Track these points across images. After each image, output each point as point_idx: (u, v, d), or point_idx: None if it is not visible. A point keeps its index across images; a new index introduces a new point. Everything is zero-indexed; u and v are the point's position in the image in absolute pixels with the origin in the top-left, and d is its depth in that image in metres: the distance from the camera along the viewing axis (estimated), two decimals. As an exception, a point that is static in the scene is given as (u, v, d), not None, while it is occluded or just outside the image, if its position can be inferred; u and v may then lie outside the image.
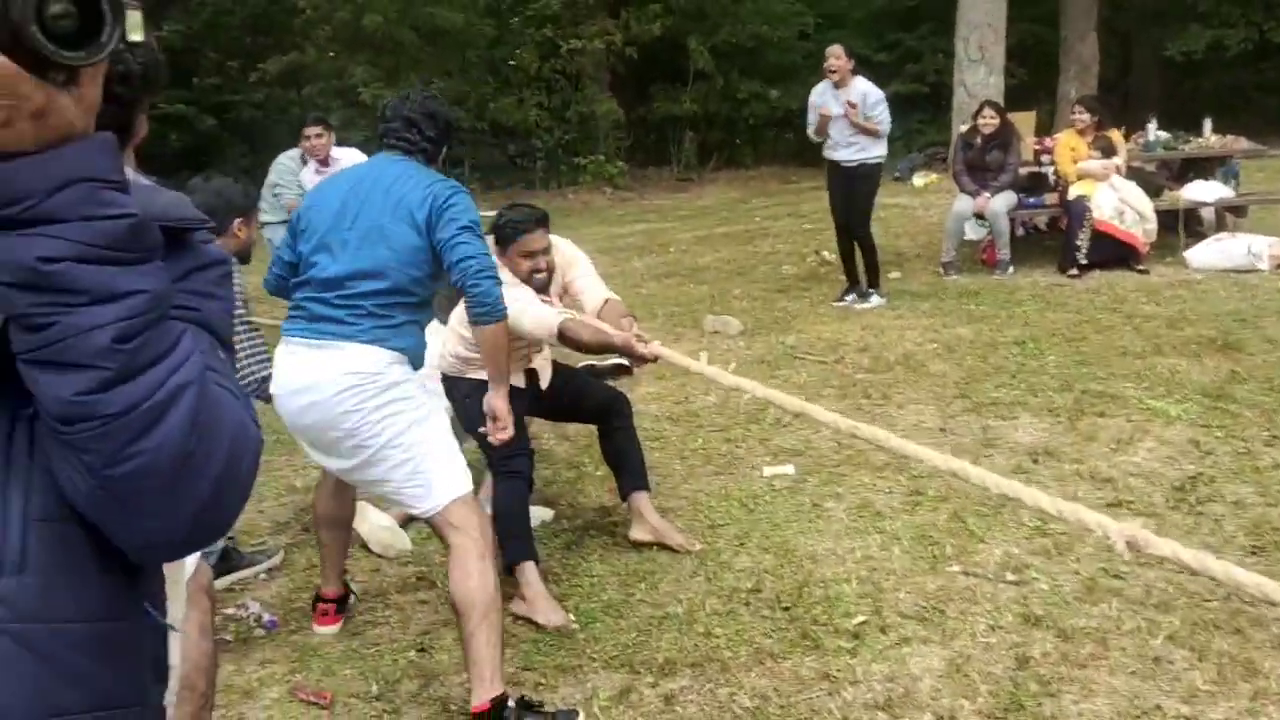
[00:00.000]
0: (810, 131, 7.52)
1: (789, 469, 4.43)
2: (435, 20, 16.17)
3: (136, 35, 0.85)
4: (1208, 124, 9.06)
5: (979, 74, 12.69)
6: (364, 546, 3.94)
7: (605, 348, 3.49)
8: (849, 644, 3.06)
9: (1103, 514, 1.98)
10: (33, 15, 0.73)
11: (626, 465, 3.82)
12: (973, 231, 8.61)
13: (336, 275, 2.86)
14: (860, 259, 7.50)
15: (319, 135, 6.98)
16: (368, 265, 2.84)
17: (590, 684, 2.94)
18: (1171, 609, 3.12)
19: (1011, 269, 8.08)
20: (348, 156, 6.86)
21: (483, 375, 3.57)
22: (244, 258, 3.53)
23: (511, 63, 17.29)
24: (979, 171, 8.12)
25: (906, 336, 6.46)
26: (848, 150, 7.28)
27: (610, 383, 5.06)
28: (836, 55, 7.19)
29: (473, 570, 2.73)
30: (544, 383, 3.81)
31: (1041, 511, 1.89)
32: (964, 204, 8.10)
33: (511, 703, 2.70)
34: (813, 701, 2.79)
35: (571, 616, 3.32)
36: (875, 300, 7.41)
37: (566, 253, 3.71)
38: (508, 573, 3.44)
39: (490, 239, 4.63)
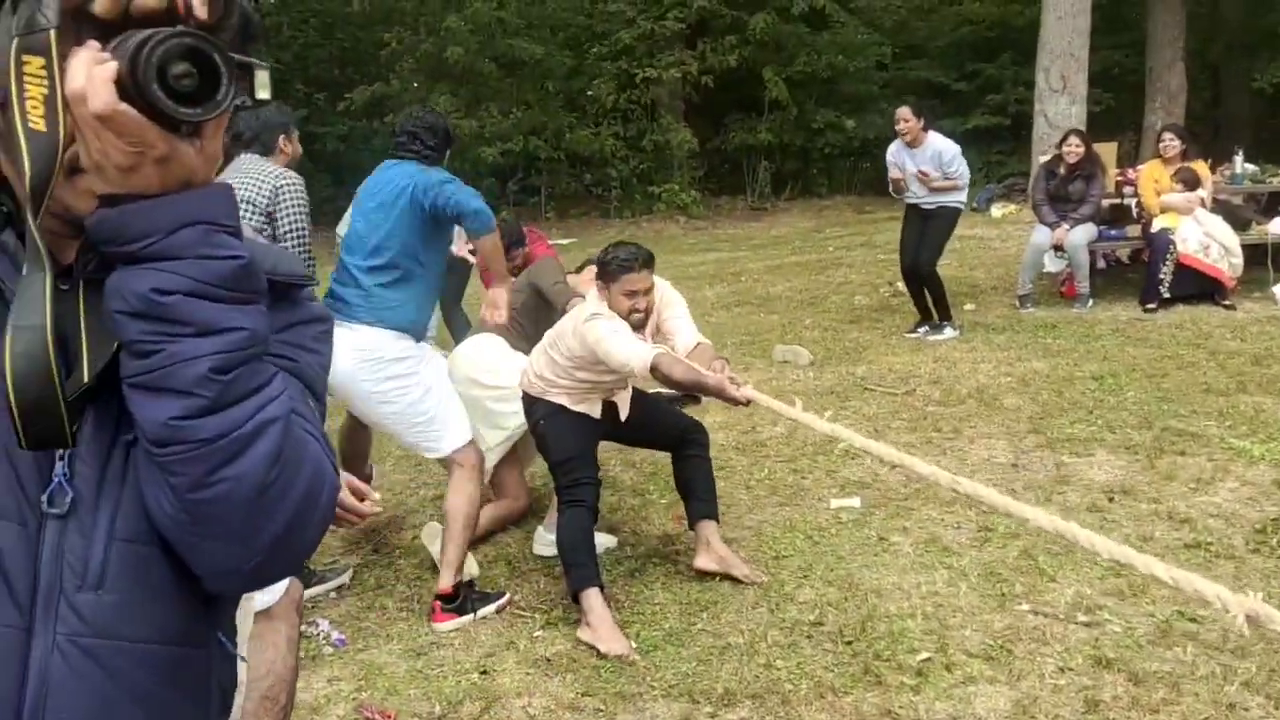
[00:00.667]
0: (891, 190, 7.53)
1: (855, 501, 4.39)
2: (515, 52, 16.48)
3: (264, 93, 0.93)
4: (1299, 156, 8.80)
5: (1060, 104, 12.50)
6: (434, 567, 4.00)
7: (698, 388, 3.44)
8: (913, 681, 3.02)
9: (1215, 584, 1.83)
10: (154, 76, 0.81)
11: (696, 493, 3.83)
12: (1051, 264, 8.46)
13: (346, 260, 3.62)
14: (928, 295, 7.46)
15: None
16: (371, 242, 3.57)
17: (649, 712, 2.95)
18: (1248, 654, 3.02)
19: (1091, 302, 7.92)
20: None
21: (562, 400, 3.70)
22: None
23: (590, 93, 17.52)
24: (1060, 202, 7.98)
25: (980, 369, 6.37)
26: (930, 195, 7.27)
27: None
28: (905, 117, 7.17)
29: (463, 492, 3.64)
30: (623, 415, 3.84)
31: (1155, 579, 1.82)
32: (1042, 236, 7.97)
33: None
34: (873, 738, 2.76)
35: (633, 644, 3.33)
36: (949, 332, 7.33)
37: (665, 294, 3.72)
38: (573, 600, 3.48)
39: (585, 272, 4.93)
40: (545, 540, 4.05)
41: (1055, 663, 3.06)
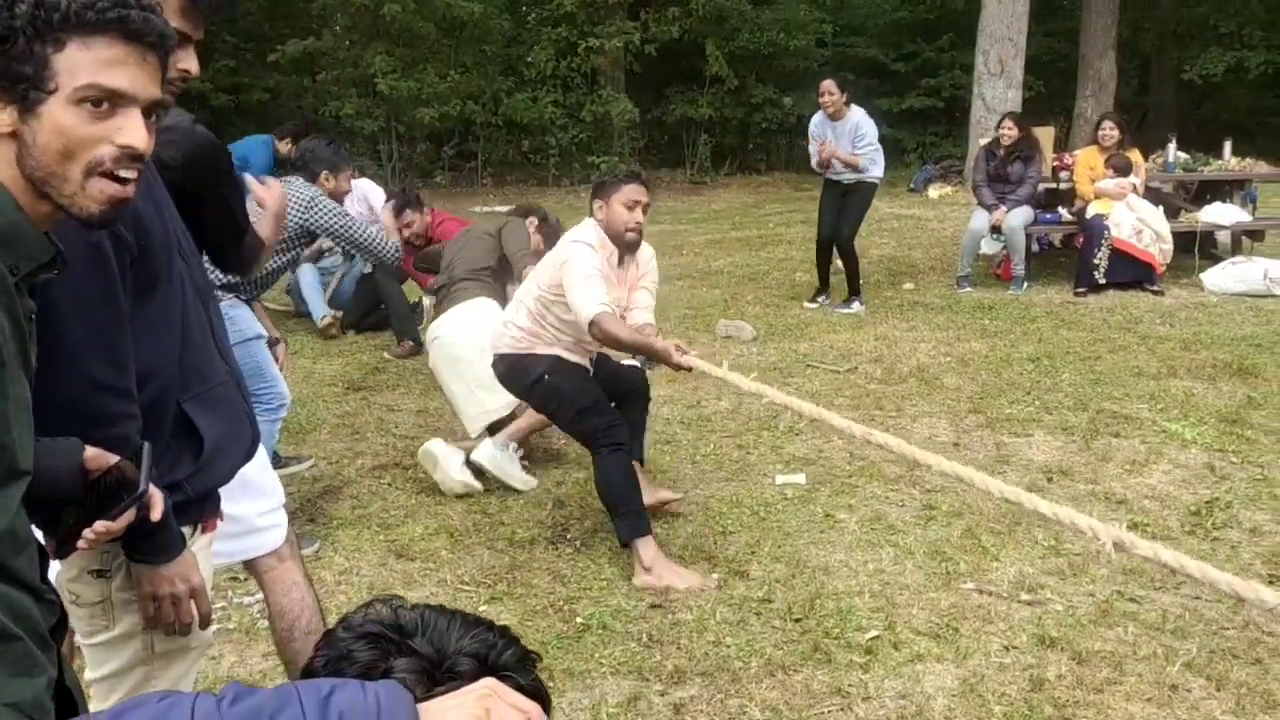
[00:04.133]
0: (814, 162, 7.62)
1: (801, 478, 4.39)
2: (454, 11, 16.13)
3: None
4: (1228, 146, 9.02)
5: (998, 87, 12.65)
6: (374, 539, 3.91)
7: (643, 350, 3.49)
8: (861, 659, 3.02)
9: (1087, 516, 2.04)
10: None
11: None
12: (988, 246, 8.56)
13: None
14: (844, 268, 7.69)
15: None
16: None
17: (598, 690, 2.91)
18: (1189, 635, 3.08)
19: (1026, 285, 8.05)
20: (361, 187, 7.15)
21: (557, 351, 3.70)
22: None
23: (529, 60, 17.26)
24: (1000, 184, 8.08)
25: (920, 349, 6.42)
26: (848, 171, 7.41)
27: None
28: (829, 90, 7.27)
29: None
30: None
31: (1040, 515, 1.97)
32: (980, 220, 8.06)
33: None
34: (825, 716, 2.75)
35: (712, 575, 3.48)
36: (856, 306, 7.59)
37: (646, 259, 3.78)
38: (624, 546, 3.52)
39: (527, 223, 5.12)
40: (488, 453, 4.29)
41: (1000, 641, 3.09)
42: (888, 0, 19.67)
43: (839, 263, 7.75)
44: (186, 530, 1.71)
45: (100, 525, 1.48)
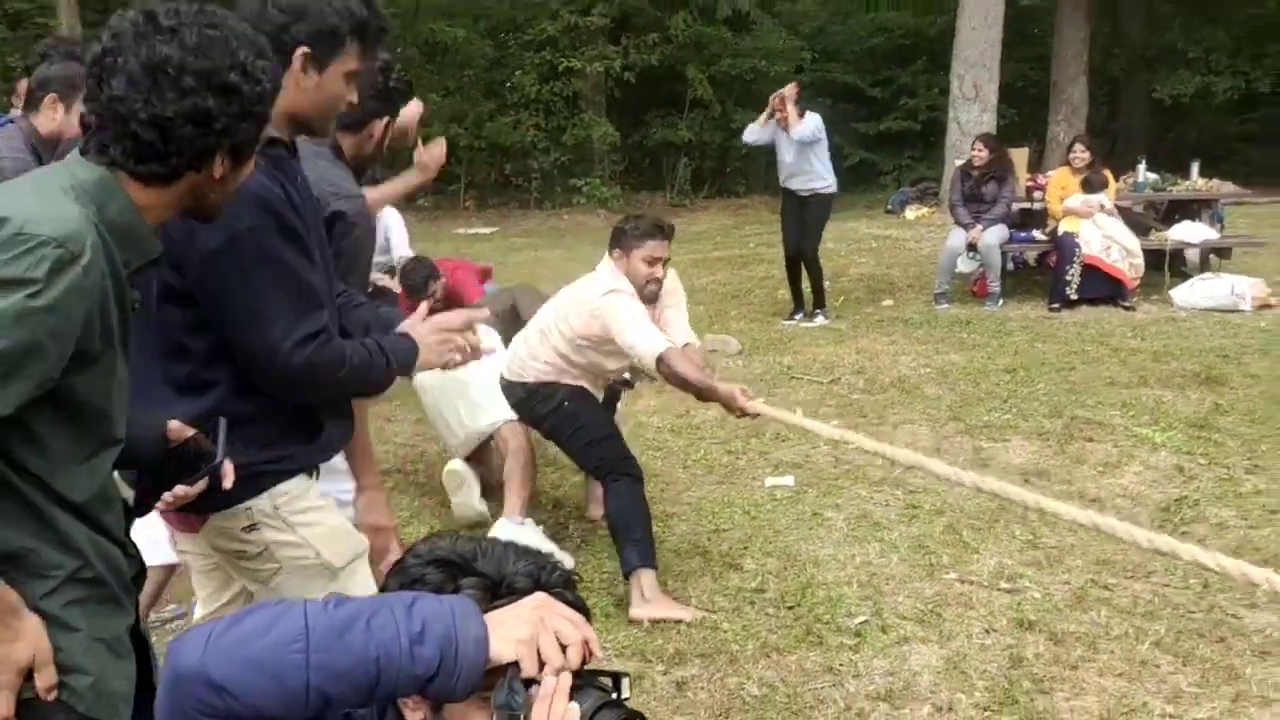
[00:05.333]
0: (759, 121, 8.06)
1: (789, 480, 4.57)
2: (436, 35, 16.36)
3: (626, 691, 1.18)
4: (1195, 167, 9.33)
5: (972, 111, 12.96)
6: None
7: (704, 392, 3.29)
8: (851, 641, 3.20)
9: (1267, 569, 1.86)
10: None
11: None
12: (965, 264, 8.81)
13: None
14: (807, 282, 8.00)
15: None
16: None
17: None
18: (1157, 618, 3.28)
19: (1001, 301, 8.28)
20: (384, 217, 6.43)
21: (579, 383, 3.70)
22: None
23: (511, 84, 17.50)
24: (975, 203, 8.34)
25: (900, 361, 6.63)
26: (801, 179, 7.75)
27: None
28: (789, 95, 7.74)
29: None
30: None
31: (1200, 566, 1.85)
32: (957, 239, 8.31)
33: None
34: (818, 691, 2.92)
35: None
36: (820, 320, 7.92)
37: (670, 283, 3.74)
38: (626, 579, 3.46)
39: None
40: (506, 533, 4.09)
41: (981, 625, 3.28)
42: (864, 27, 20.07)
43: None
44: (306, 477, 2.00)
45: (179, 489, 1.65)
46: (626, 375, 4.90)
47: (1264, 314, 7.48)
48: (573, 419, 3.68)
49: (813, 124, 7.64)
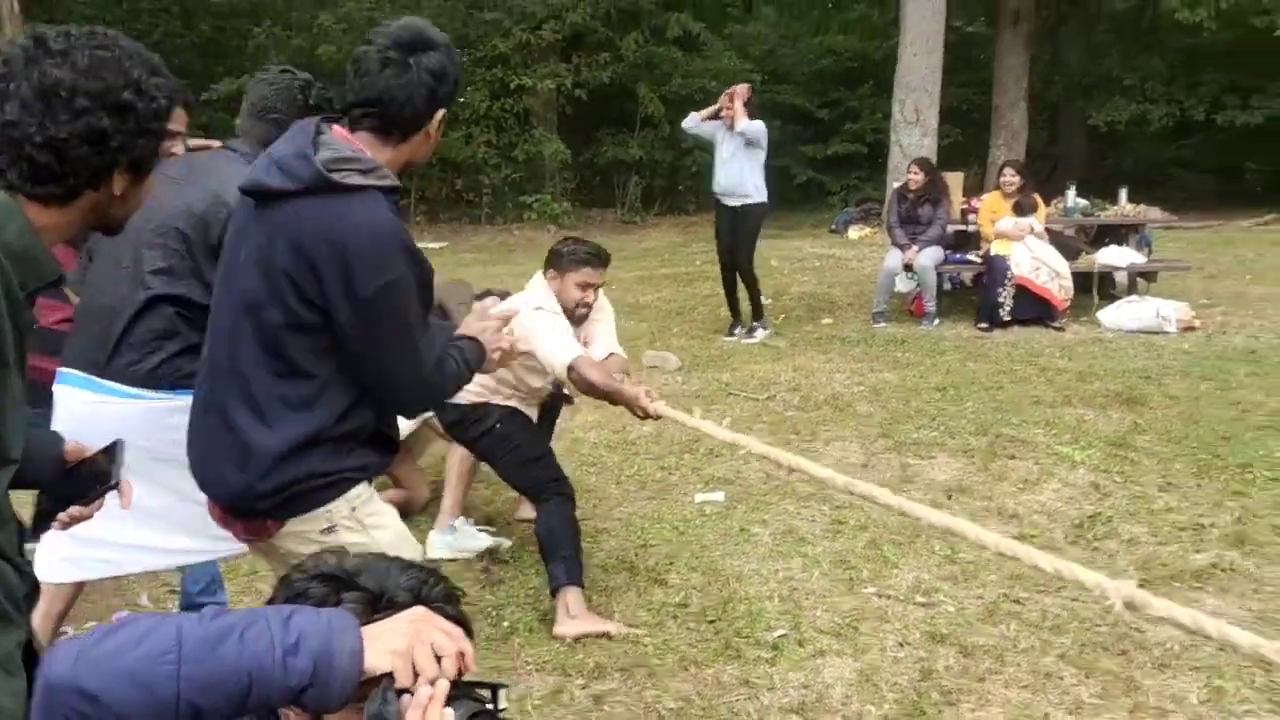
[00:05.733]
0: (694, 116, 8.25)
1: (719, 496, 4.65)
2: (388, 53, 16.34)
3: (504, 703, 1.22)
4: (1123, 193, 9.61)
5: (914, 135, 13.22)
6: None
7: (613, 395, 3.37)
8: (768, 654, 3.27)
9: (1098, 574, 2.04)
10: None
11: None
12: (903, 284, 8.99)
13: None
14: (745, 296, 8.17)
15: None
16: None
17: (523, 685, 3.11)
18: (1064, 631, 3.38)
19: (937, 321, 8.46)
20: None
21: (509, 403, 3.76)
22: None
23: (462, 99, 17.52)
24: (911, 225, 8.53)
25: (835, 379, 6.75)
26: (734, 190, 7.95)
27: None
28: (739, 94, 7.90)
29: None
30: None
31: (1037, 569, 2.05)
32: (894, 259, 8.49)
33: None
34: (732, 704, 2.99)
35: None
36: (760, 333, 8.09)
37: (599, 301, 3.82)
38: (553, 595, 3.48)
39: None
40: (439, 543, 4.13)
41: (895, 638, 3.36)
42: (812, 50, 20.39)
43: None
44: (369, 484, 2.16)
45: (75, 509, 1.68)
46: (567, 390, 4.95)
47: (1187, 336, 7.71)
48: (505, 440, 3.72)
49: (758, 124, 7.80)
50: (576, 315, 3.65)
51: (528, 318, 3.50)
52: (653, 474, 5.01)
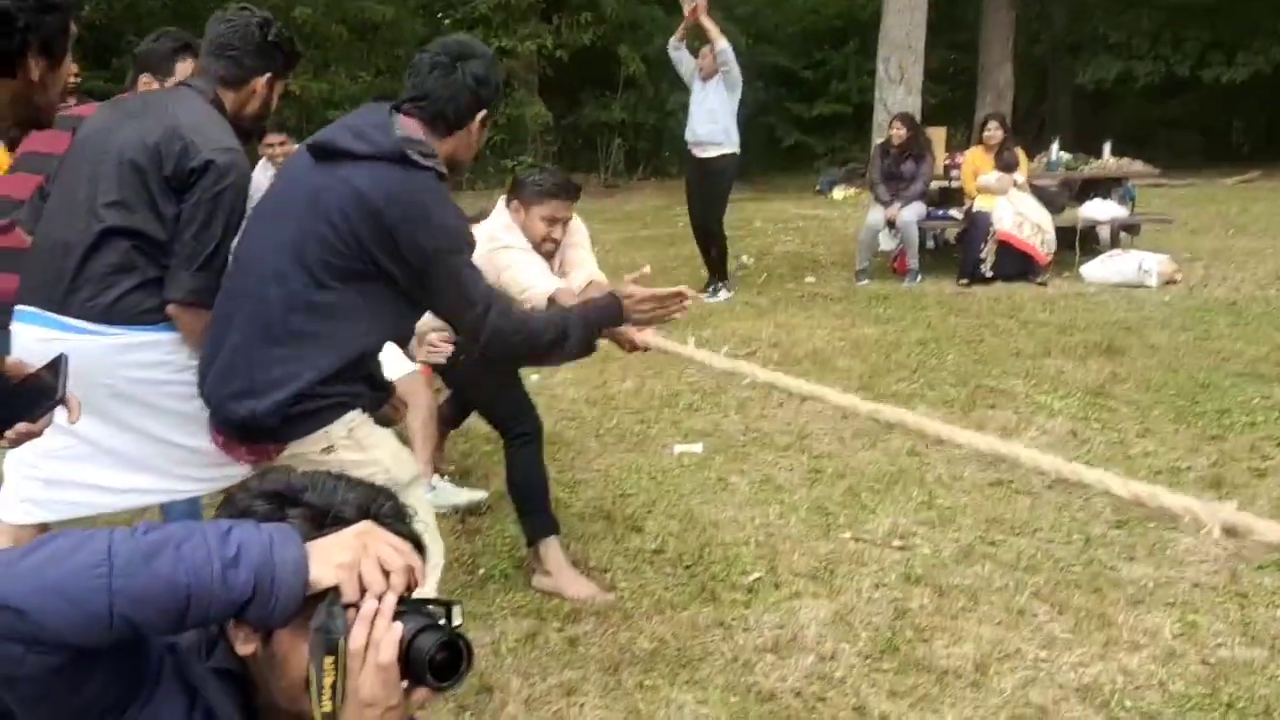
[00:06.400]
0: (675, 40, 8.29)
1: (697, 447, 4.64)
2: (366, 14, 16.16)
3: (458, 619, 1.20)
4: (1107, 147, 9.58)
5: (898, 94, 13.13)
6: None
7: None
8: (744, 597, 3.27)
9: (1187, 499, 1.87)
10: (425, 665, 1.11)
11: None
12: (886, 242, 8.95)
13: None
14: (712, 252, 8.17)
15: (281, 143, 6.81)
16: None
17: (499, 629, 3.10)
18: (1038, 570, 3.39)
19: (920, 278, 8.44)
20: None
21: None
22: None
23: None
24: (894, 181, 8.49)
25: (816, 335, 6.74)
26: (707, 137, 7.90)
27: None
28: (706, 54, 7.94)
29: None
30: None
31: (1113, 495, 1.94)
32: (877, 216, 8.45)
33: None
34: (707, 645, 2.99)
35: (610, 591, 3.30)
36: (723, 294, 8.01)
37: (573, 224, 3.55)
38: (529, 546, 3.41)
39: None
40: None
41: (871, 580, 3.37)
42: (796, 9, 20.21)
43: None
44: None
45: (22, 426, 1.64)
46: None
47: (1169, 289, 7.72)
48: (466, 374, 3.56)
49: (730, 51, 7.77)
50: (543, 251, 3.39)
51: (498, 254, 3.29)
52: (631, 427, 4.99)
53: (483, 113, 2.35)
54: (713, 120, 7.85)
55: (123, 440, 2.38)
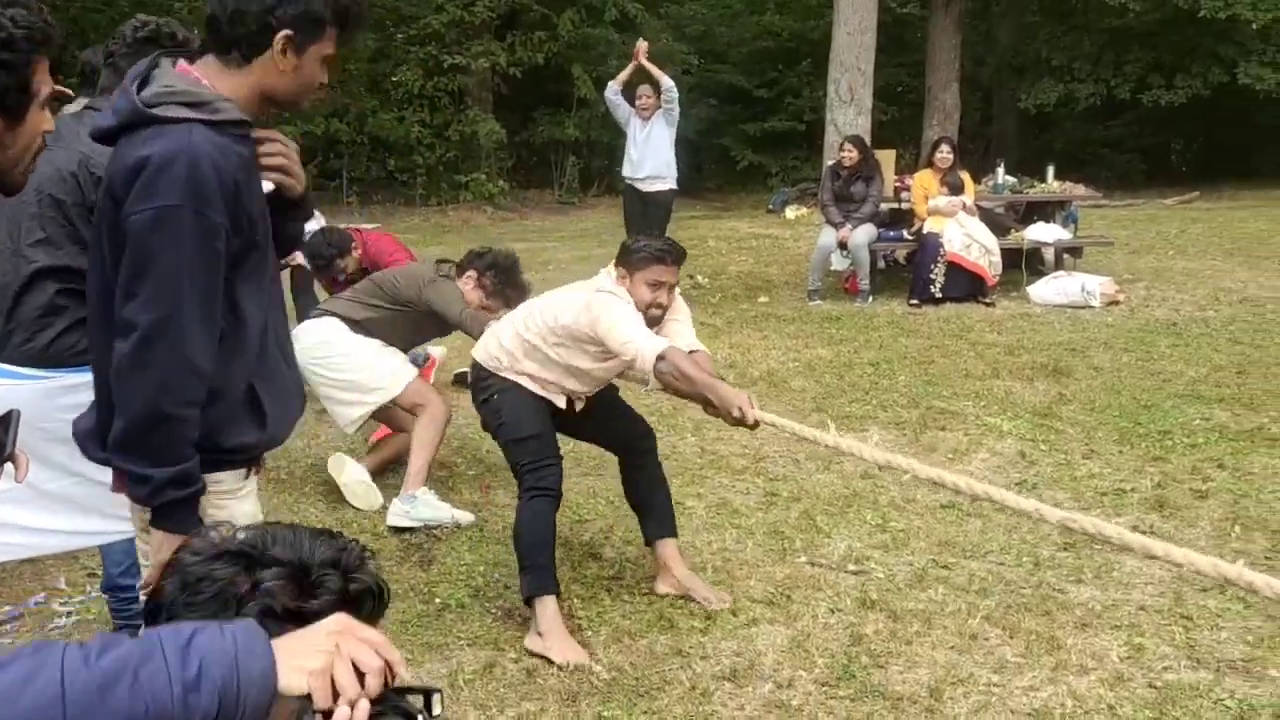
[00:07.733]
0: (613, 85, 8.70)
1: (654, 471, 4.65)
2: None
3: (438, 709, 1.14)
4: (1050, 170, 9.79)
5: (849, 114, 13.31)
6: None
7: (708, 394, 2.96)
8: (702, 624, 3.29)
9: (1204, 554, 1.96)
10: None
11: (653, 509, 3.59)
12: (838, 262, 9.06)
13: None
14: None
15: None
16: None
17: (455, 660, 3.09)
18: (990, 594, 3.45)
19: (871, 298, 8.55)
20: None
21: (519, 379, 3.41)
22: None
23: (395, 78, 17.27)
24: (845, 203, 8.60)
25: (770, 355, 6.80)
26: (648, 173, 8.24)
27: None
28: (646, 94, 8.33)
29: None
30: (578, 405, 3.60)
31: (1167, 559, 2.00)
32: (829, 237, 8.56)
33: None
34: (665, 674, 3.00)
35: (593, 659, 3.12)
36: None
37: (676, 301, 3.47)
38: (526, 604, 3.29)
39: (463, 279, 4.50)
40: (399, 511, 4.09)
41: (827, 605, 3.41)
42: (748, 29, 20.40)
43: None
44: (240, 473, 1.96)
45: None
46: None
47: (1111, 310, 7.89)
48: (496, 413, 3.45)
49: (674, 89, 8.18)
50: (649, 317, 3.25)
51: (605, 300, 3.22)
52: (588, 451, 4.98)
53: (286, 33, 1.79)
54: (656, 155, 8.14)
55: (62, 484, 2.34)
